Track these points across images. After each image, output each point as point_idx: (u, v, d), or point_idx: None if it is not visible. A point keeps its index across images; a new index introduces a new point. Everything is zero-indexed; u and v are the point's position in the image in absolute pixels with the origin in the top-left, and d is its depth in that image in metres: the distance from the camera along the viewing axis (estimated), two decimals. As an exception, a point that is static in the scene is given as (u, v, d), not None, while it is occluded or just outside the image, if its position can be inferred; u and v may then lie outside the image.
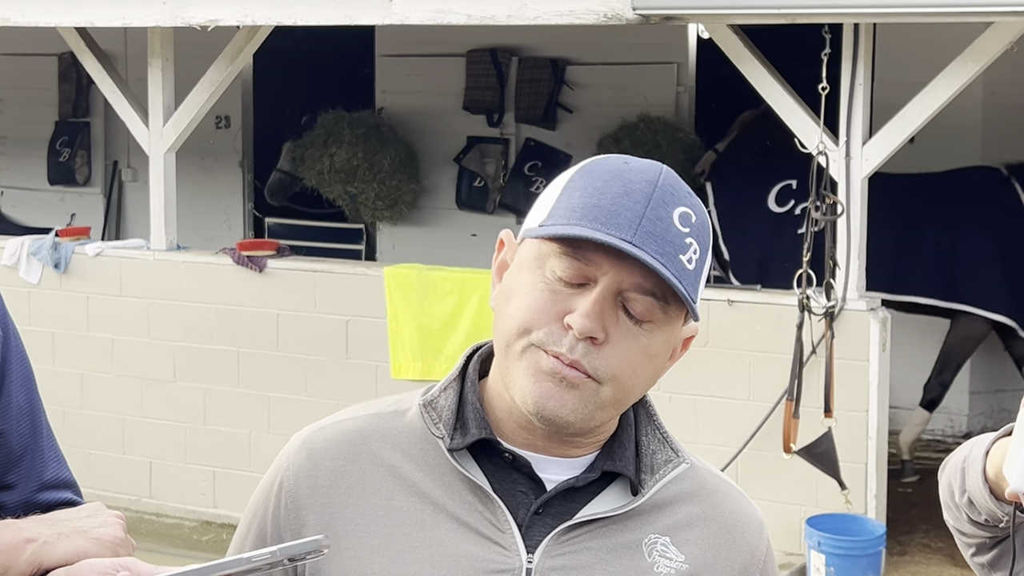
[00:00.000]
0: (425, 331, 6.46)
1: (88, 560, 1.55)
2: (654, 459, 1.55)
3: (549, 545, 1.49)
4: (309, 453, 1.57)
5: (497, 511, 1.50)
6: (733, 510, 1.59)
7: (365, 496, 1.53)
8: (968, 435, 8.21)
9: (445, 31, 7.52)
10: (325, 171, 9.44)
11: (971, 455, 1.86)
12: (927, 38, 7.22)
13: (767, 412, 5.88)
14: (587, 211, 1.43)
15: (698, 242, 1.46)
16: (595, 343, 1.44)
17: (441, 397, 1.55)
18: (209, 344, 6.97)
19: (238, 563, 1.39)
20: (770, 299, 5.96)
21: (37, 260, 7.24)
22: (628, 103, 8.89)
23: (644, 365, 1.48)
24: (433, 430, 1.53)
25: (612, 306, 1.44)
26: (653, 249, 1.42)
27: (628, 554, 1.51)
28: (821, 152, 5.73)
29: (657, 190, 1.45)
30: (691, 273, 1.45)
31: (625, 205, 1.43)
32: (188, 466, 7.09)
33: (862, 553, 5.62)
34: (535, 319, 1.45)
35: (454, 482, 1.51)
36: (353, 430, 1.58)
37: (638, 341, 1.46)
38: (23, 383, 1.76)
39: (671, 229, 1.44)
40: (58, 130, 10.56)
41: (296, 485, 1.56)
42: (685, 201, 1.47)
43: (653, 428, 1.58)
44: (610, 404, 1.48)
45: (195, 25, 6.50)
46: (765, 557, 1.60)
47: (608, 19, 5.70)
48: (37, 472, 1.76)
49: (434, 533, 1.50)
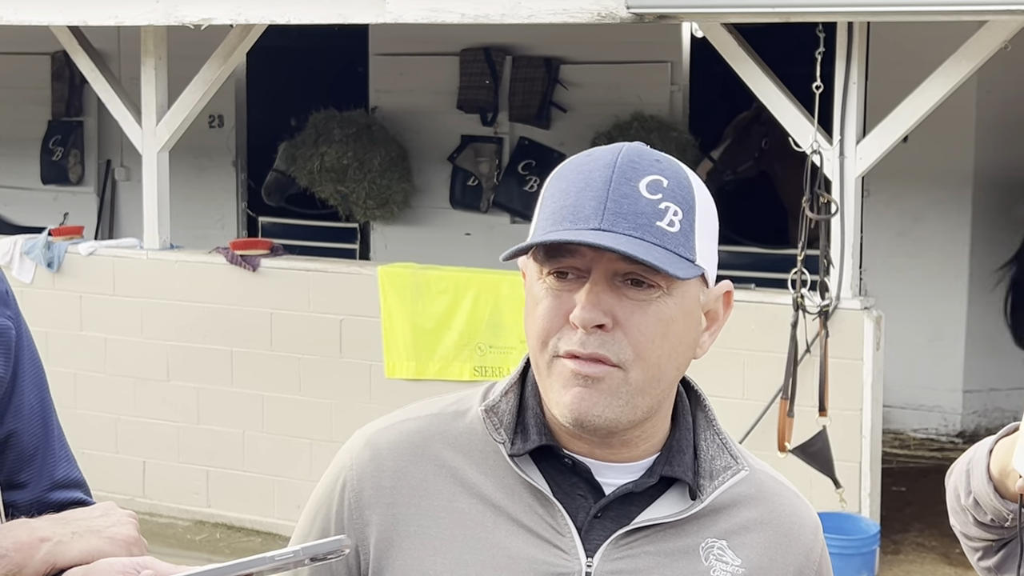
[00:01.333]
0: (419, 330, 6.45)
1: (107, 559, 1.55)
2: (713, 464, 1.55)
3: (608, 549, 1.50)
4: (373, 454, 1.58)
5: (557, 515, 1.51)
6: (790, 513, 1.60)
7: (427, 497, 1.54)
8: (962, 434, 8.22)
9: (439, 30, 7.51)
10: (316, 171, 9.45)
11: (975, 457, 1.87)
12: (921, 37, 7.22)
13: (761, 411, 5.88)
14: (557, 215, 1.47)
15: (676, 202, 1.47)
16: (605, 330, 1.45)
17: (502, 402, 1.56)
18: (202, 343, 6.95)
19: (261, 562, 1.40)
20: (764, 298, 5.96)
21: (30, 259, 7.23)
22: (622, 102, 8.88)
23: (664, 333, 1.47)
24: (495, 435, 1.54)
25: (610, 290, 1.45)
26: (623, 226, 1.43)
27: (685, 559, 1.52)
28: (815, 151, 5.73)
29: (616, 170, 1.47)
30: (676, 235, 1.46)
31: (587, 196, 1.46)
32: (182, 465, 7.08)
33: (856, 552, 5.62)
34: (548, 327, 1.47)
35: (515, 486, 1.52)
36: (415, 431, 1.59)
37: (647, 312, 1.46)
38: (35, 383, 1.77)
39: (640, 200, 1.45)
40: (51, 129, 10.54)
41: (360, 485, 1.57)
42: (651, 169, 1.48)
43: (712, 433, 1.58)
44: (646, 387, 1.48)
45: (188, 24, 6.49)
46: (820, 559, 1.62)
47: (602, 18, 5.70)
48: (48, 471, 1.78)
49: (495, 535, 1.51)
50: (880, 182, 8.07)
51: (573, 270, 1.47)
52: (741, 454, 1.58)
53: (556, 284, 1.47)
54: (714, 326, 1.56)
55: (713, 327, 1.56)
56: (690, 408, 1.59)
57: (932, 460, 7.81)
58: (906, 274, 8.27)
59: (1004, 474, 1.80)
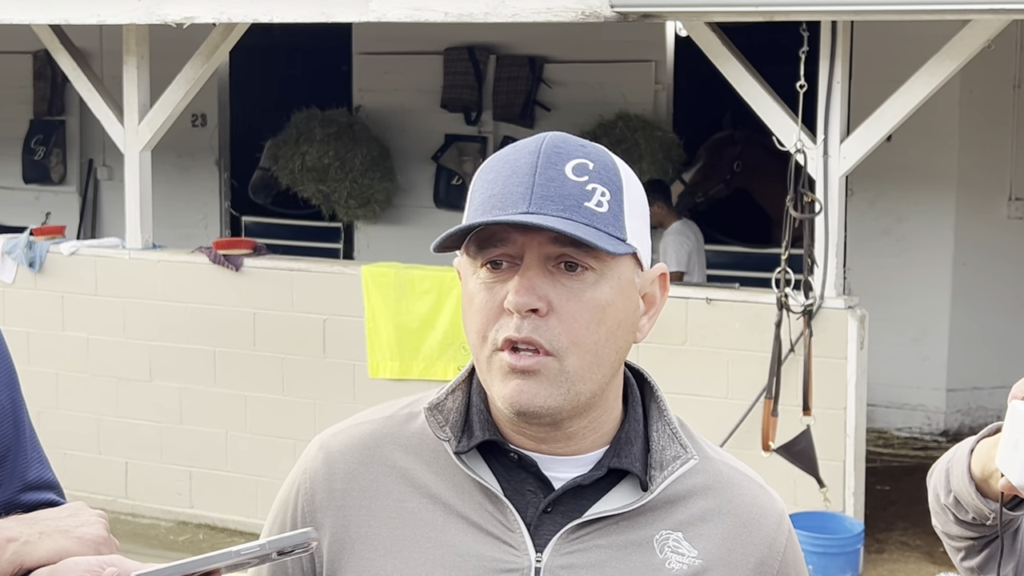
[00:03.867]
0: (403, 330, 6.44)
1: (73, 558, 1.54)
2: (663, 455, 1.54)
3: (558, 543, 1.50)
4: (326, 457, 1.60)
5: (506, 511, 1.51)
6: (749, 503, 1.58)
7: (378, 498, 1.55)
8: (945, 433, 8.24)
9: (422, 29, 7.50)
10: (297, 170, 9.43)
11: (955, 456, 1.87)
12: (904, 36, 7.24)
13: (745, 410, 5.88)
14: (485, 203, 1.47)
15: (603, 183, 1.47)
16: (540, 315, 1.45)
17: (448, 400, 1.56)
18: (185, 343, 6.93)
19: (226, 556, 1.39)
20: (748, 297, 5.96)
21: (11, 259, 7.20)
22: (606, 101, 8.88)
23: (599, 318, 1.47)
24: (438, 433, 1.54)
25: (543, 274, 1.45)
26: (552, 208, 1.43)
27: (639, 551, 1.51)
28: (799, 150, 5.73)
29: (541, 156, 1.47)
30: (605, 215, 1.45)
31: (514, 182, 1.46)
32: (164, 466, 7.06)
33: (840, 551, 5.62)
34: (485, 321, 1.47)
35: (464, 483, 1.52)
36: (367, 434, 1.59)
37: (582, 297, 1.46)
38: (6, 383, 1.75)
39: (566, 183, 1.45)
40: (33, 128, 10.50)
41: (313, 488, 1.58)
42: (575, 154, 1.48)
43: (663, 423, 1.57)
44: (585, 373, 1.47)
45: (170, 22, 6.47)
46: (784, 549, 1.59)
47: (586, 17, 5.69)
48: (20, 473, 1.76)
49: (445, 534, 1.51)
50: (864, 181, 8.08)
51: (506, 257, 1.46)
52: (694, 443, 1.57)
53: (489, 276, 1.48)
54: (652, 309, 1.55)
55: (651, 311, 1.55)
56: (642, 400, 1.58)
57: (916, 459, 7.83)
58: (890, 273, 8.29)
59: (987, 474, 1.80)
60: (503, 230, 1.45)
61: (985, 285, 8.27)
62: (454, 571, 1.49)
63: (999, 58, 7.69)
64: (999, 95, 8.23)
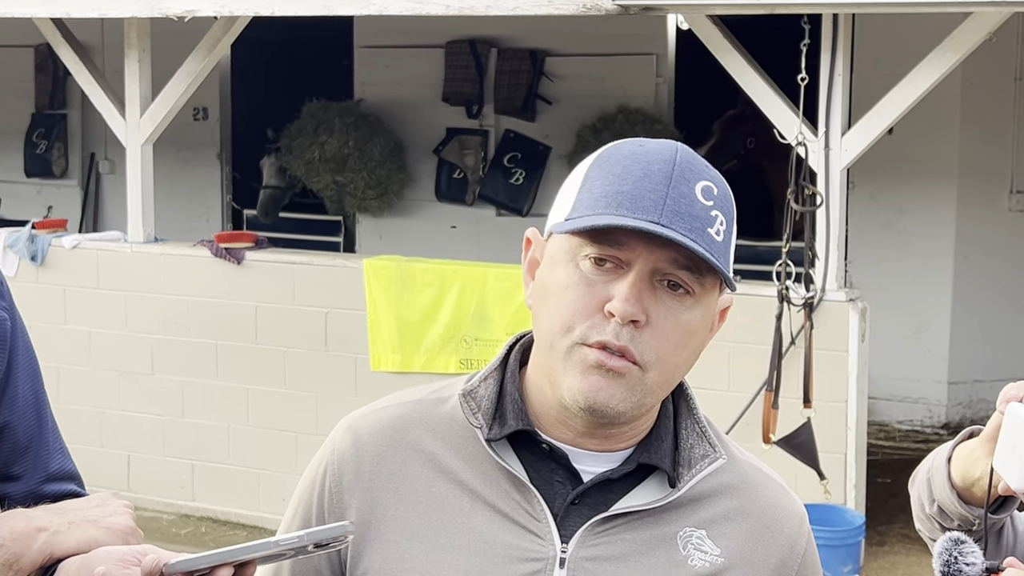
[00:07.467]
0: (404, 323, 6.44)
1: (105, 548, 1.56)
2: (692, 453, 1.56)
3: (583, 535, 1.51)
4: (354, 439, 1.59)
5: (533, 501, 1.52)
6: (772, 504, 1.59)
7: (406, 482, 1.55)
8: (947, 425, 8.24)
9: (423, 22, 7.50)
10: (315, 160, 9.40)
11: (934, 465, 1.88)
12: (906, 29, 7.23)
13: (746, 403, 5.88)
14: (611, 199, 1.45)
15: (723, 213, 1.48)
16: (637, 326, 1.45)
17: (481, 387, 1.56)
18: (187, 337, 6.94)
19: (265, 546, 1.40)
20: (749, 290, 5.96)
21: (13, 252, 7.20)
22: (607, 94, 8.88)
23: (686, 342, 1.49)
24: (471, 420, 1.55)
25: (649, 287, 1.46)
26: (681, 226, 1.43)
27: (662, 547, 1.53)
28: (800, 143, 5.74)
29: (676, 168, 1.46)
30: (720, 244, 1.47)
31: (647, 187, 1.45)
32: (166, 459, 7.06)
33: (841, 543, 5.63)
34: (576, 314, 1.47)
35: (492, 471, 1.53)
36: (396, 416, 1.60)
37: (679, 319, 1.47)
38: (29, 375, 1.77)
39: (695, 204, 1.45)
40: (35, 122, 10.50)
41: (340, 470, 1.58)
42: (705, 175, 1.48)
43: (693, 421, 1.58)
44: (657, 388, 1.50)
45: (172, 16, 6.46)
46: (804, 551, 1.61)
47: (587, 9, 5.69)
48: (43, 464, 1.78)
49: (471, 520, 1.52)
50: (865, 174, 8.08)
51: (614, 259, 1.46)
52: (722, 443, 1.59)
53: (593, 271, 1.47)
54: (711, 335, 1.57)
55: (711, 336, 1.57)
56: (672, 397, 1.60)
57: (917, 452, 7.83)
58: (891, 266, 8.29)
59: (968, 482, 1.80)
60: (625, 231, 1.44)
61: (986, 278, 8.27)
62: (479, 557, 1.50)
63: (1000, 51, 7.68)
64: (1000, 88, 8.22)
